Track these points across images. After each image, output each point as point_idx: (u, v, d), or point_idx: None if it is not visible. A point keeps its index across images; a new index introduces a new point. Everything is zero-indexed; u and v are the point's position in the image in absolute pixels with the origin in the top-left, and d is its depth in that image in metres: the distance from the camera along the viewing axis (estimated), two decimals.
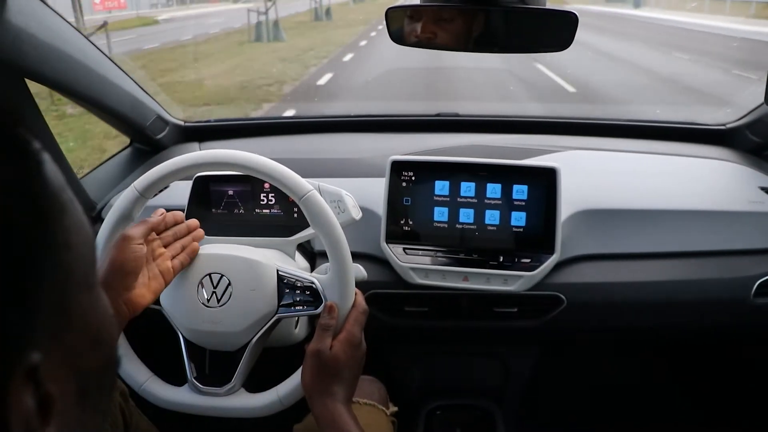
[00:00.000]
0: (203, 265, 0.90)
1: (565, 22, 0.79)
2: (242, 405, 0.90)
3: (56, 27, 1.05)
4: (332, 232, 0.87)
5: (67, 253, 0.33)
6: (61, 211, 0.33)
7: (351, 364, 0.83)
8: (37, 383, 0.30)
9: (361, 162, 1.39)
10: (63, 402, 0.32)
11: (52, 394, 0.31)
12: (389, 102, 7.13)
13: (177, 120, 1.58)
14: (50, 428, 0.31)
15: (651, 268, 1.21)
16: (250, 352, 0.89)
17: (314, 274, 0.92)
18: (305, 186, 0.88)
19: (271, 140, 1.62)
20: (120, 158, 1.54)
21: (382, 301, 1.20)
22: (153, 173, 0.89)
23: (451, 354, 1.47)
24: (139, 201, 0.90)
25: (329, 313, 0.84)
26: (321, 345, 0.81)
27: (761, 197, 1.28)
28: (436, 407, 1.47)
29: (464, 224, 1.16)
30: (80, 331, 0.34)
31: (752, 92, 1.62)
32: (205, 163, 0.89)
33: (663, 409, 1.65)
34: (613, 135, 1.58)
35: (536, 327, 1.21)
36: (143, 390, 0.91)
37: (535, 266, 1.13)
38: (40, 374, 0.30)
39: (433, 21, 0.81)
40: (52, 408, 0.31)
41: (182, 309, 0.89)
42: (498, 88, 8.09)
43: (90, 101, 1.23)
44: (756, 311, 1.20)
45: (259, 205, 1.13)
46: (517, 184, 1.15)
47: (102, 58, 1.23)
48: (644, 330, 1.29)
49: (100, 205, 1.33)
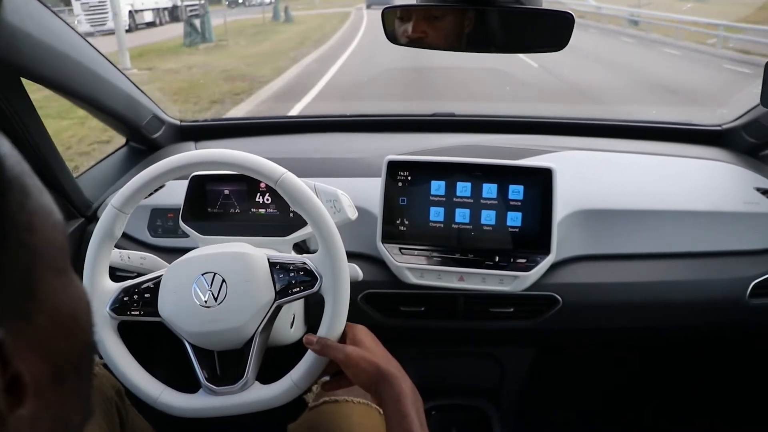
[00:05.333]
0: (194, 268, 0.90)
1: (560, 23, 0.79)
2: (259, 397, 0.89)
3: (52, 25, 1.05)
4: (313, 209, 0.88)
5: (30, 236, 0.34)
6: (21, 193, 0.33)
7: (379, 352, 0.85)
8: (5, 361, 0.31)
9: (356, 162, 1.38)
10: (36, 384, 0.33)
11: (22, 374, 0.32)
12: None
13: (173, 119, 1.58)
14: (24, 409, 0.32)
15: (646, 268, 1.21)
16: (257, 344, 0.89)
17: (305, 255, 0.93)
18: (278, 169, 0.89)
19: (267, 140, 1.62)
20: (116, 157, 1.53)
21: (378, 301, 1.20)
22: (127, 188, 0.91)
23: (446, 354, 1.47)
24: (119, 217, 0.92)
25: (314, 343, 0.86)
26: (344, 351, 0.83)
27: (756, 198, 1.28)
28: (432, 407, 1.47)
29: (460, 224, 1.16)
30: (51, 313, 0.35)
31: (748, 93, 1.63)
32: (177, 167, 0.91)
33: (658, 409, 1.66)
34: (609, 135, 1.58)
35: (532, 327, 1.21)
36: (159, 403, 0.90)
37: (530, 266, 1.13)
38: (7, 352, 0.31)
39: (429, 21, 0.81)
40: (24, 389, 0.32)
41: (182, 315, 0.88)
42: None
43: (86, 100, 1.22)
44: (751, 312, 1.20)
45: (255, 204, 1.13)
46: (513, 184, 1.15)
47: (98, 57, 1.23)
48: (640, 330, 1.29)
49: (95, 204, 1.33)
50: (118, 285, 0.92)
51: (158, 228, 1.27)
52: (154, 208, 1.28)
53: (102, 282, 0.92)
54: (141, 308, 0.91)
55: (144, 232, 1.27)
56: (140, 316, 0.91)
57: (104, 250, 0.92)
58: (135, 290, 0.92)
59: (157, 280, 0.92)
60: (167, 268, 0.93)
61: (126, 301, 0.91)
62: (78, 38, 1.15)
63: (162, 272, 0.93)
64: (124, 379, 0.91)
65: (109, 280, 0.93)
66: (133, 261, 1.04)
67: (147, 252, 1.07)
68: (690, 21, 12.99)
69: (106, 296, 0.91)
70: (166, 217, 1.27)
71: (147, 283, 0.92)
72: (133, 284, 0.92)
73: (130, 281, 0.93)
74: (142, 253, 1.05)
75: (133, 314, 0.91)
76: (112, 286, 0.92)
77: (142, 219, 1.27)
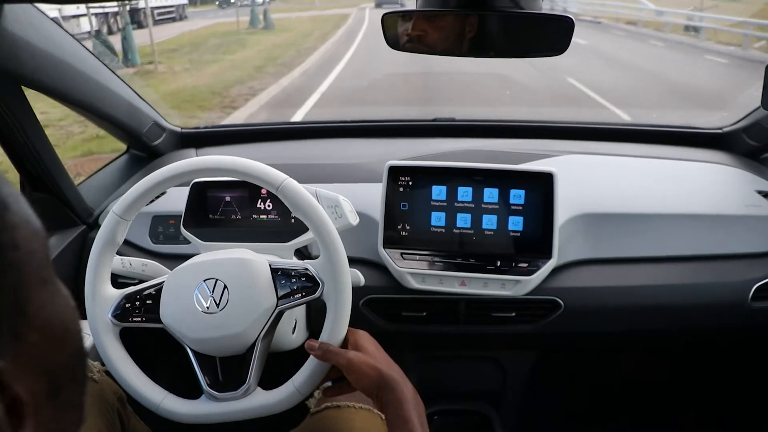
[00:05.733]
0: (196, 274, 0.90)
1: (560, 28, 0.79)
2: (261, 403, 0.89)
3: (52, 35, 1.05)
4: (315, 215, 0.88)
5: (15, 252, 0.32)
6: (1, 208, 0.32)
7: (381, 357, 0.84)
8: (4, 387, 0.30)
9: (357, 167, 1.39)
10: (34, 402, 0.32)
11: (21, 396, 0.31)
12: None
13: (174, 126, 1.58)
14: (26, 429, 0.31)
15: (648, 272, 1.21)
16: (259, 350, 0.89)
17: (306, 261, 0.92)
18: (279, 176, 0.89)
19: (268, 146, 1.62)
20: (117, 165, 1.54)
21: (380, 306, 1.20)
22: (129, 195, 0.91)
23: (448, 359, 1.46)
24: (120, 224, 0.92)
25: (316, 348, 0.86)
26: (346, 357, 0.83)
27: (758, 201, 1.28)
28: (434, 412, 1.47)
29: (461, 229, 1.16)
30: (42, 327, 0.34)
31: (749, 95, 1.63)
32: (178, 174, 0.91)
33: (660, 413, 1.65)
34: (610, 139, 1.58)
35: (534, 331, 1.21)
36: (161, 409, 0.90)
37: (532, 271, 1.13)
38: (5, 378, 0.30)
39: (428, 26, 0.81)
40: (23, 410, 0.31)
41: (184, 322, 0.88)
42: None
43: (87, 108, 1.23)
44: (753, 315, 1.20)
45: (257, 210, 1.13)
46: (514, 189, 1.15)
47: (98, 65, 1.23)
48: (642, 334, 1.29)
49: (97, 211, 1.33)
50: (120, 291, 0.92)
51: (160, 235, 1.27)
52: (156, 215, 1.28)
53: (104, 289, 0.92)
54: (143, 315, 0.91)
55: (145, 238, 1.27)
56: (142, 323, 0.91)
57: (106, 256, 0.92)
58: (137, 297, 0.92)
59: (159, 286, 0.92)
60: (169, 275, 0.93)
61: (128, 307, 0.91)
62: (78, 46, 1.16)
63: (164, 279, 0.93)
64: (125, 386, 0.91)
65: (111, 287, 0.93)
66: (134, 268, 1.04)
67: (148, 259, 1.07)
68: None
69: (107, 303, 0.91)
70: (167, 223, 1.28)
71: (149, 290, 0.92)
72: (135, 291, 0.92)
73: (132, 288, 0.93)
74: (143, 259, 1.05)
75: (135, 321, 0.91)
76: (114, 292, 0.92)
77: (144, 226, 1.27)
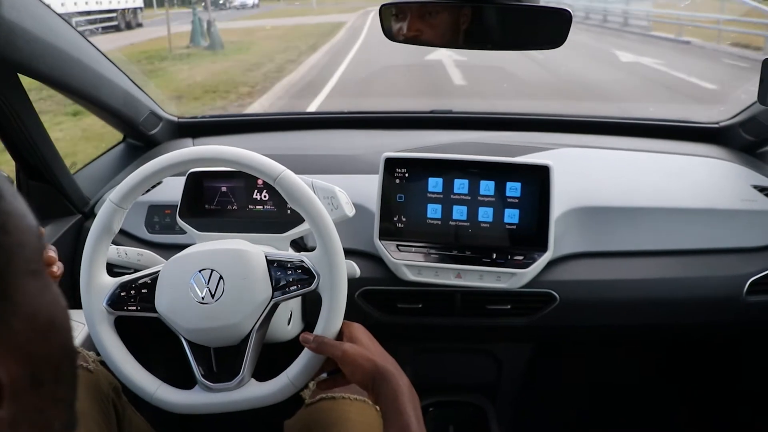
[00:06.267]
0: (192, 264, 0.90)
1: (558, 20, 0.79)
2: (255, 395, 0.89)
3: (49, 22, 1.05)
4: (311, 207, 0.87)
5: (5, 237, 0.34)
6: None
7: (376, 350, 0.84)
8: None
9: (354, 159, 1.38)
10: (13, 386, 0.33)
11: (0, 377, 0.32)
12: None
13: (170, 116, 1.58)
14: (2, 411, 0.32)
15: (644, 265, 1.21)
16: (254, 341, 0.89)
17: (302, 253, 0.92)
18: (277, 167, 0.88)
19: (264, 136, 1.62)
20: (113, 154, 1.53)
21: (375, 298, 1.20)
22: (125, 184, 0.91)
23: (443, 351, 1.47)
24: (117, 212, 0.91)
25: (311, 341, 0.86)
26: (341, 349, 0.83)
27: (754, 195, 1.28)
28: (429, 404, 1.47)
29: (457, 221, 1.16)
30: (28, 317, 0.35)
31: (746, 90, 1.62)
32: (175, 163, 0.90)
33: (656, 406, 1.66)
34: (607, 132, 1.59)
35: (529, 324, 1.21)
36: (155, 399, 0.90)
37: (528, 263, 1.13)
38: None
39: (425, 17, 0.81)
40: (1, 391, 0.32)
41: (179, 311, 0.88)
42: None
43: (83, 96, 1.22)
44: (748, 309, 1.21)
45: (253, 201, 1.13)
46: (510, 182, 1.15)
47: (95, 54, 1.22)
48: (637, 327, 1.29)
49: (93, 200, 1.33)
50: (115, 280, 0.92)
51: (155, 224, 1.27)
52: (152, 205, 1.28)
53: (99, 277, 0.92)
54: (138, 304, 0.91)
55: (141, 228, 1.27)
56: (137, 312, 0.91)
57: (102, 245, 0.92)
58: (132, 285, 0.92)
59: (155, 275, 0.92)
60: (164, 264, 0.93)
61: (123, 296, 0.91)
62: (76, 34, 1.15)
63: (159, 268, 0.93)
64: (120, 375, 0.91)
65: (107, 275, 0.93)
66: (130, 257, 1.03)
67: (144, 248, 1.07)
68: None
69: (103, 291, 0.91)
70: (163, 213, 1.27)
71: (144, 279, 0.92)
72: (130, 279, 0.92)
73: (128, 276, 0.93)
74: (139, 249, 1.05)
75: (129, 309, 0.91)
76: (109, 281, 0.92)
77: (140, 215, 1.27)
